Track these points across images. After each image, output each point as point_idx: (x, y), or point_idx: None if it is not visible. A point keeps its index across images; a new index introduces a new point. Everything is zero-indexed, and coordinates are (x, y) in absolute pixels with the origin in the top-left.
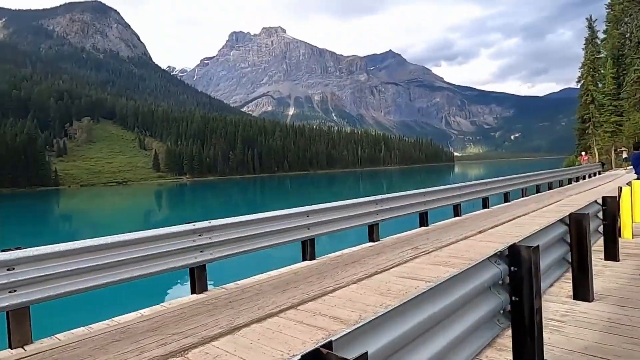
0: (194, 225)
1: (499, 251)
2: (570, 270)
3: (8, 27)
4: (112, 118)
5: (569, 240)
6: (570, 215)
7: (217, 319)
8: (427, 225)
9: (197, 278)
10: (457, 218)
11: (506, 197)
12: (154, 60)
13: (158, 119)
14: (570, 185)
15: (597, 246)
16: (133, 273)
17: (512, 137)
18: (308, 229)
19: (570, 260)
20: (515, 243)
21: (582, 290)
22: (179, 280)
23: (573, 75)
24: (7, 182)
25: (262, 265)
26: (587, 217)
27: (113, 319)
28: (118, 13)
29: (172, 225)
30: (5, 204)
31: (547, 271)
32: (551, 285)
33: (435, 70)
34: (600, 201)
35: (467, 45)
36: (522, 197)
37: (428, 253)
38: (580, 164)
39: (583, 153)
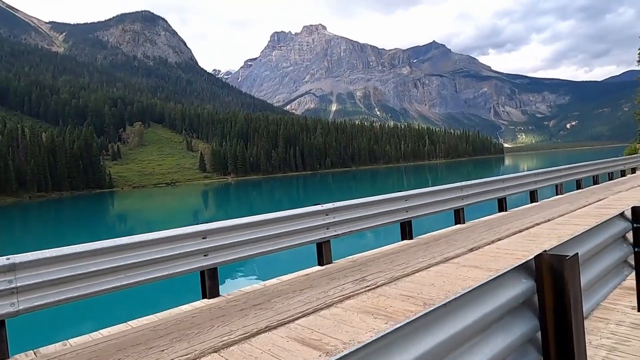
0: None
1: None
2: None
3: (67, 40)
4: (162, 122)
5: (537, 304)
6: (537, 258)
7: None
8: (411, 238)
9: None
10: (455, 227)
11: (533, 197)
12: (200, 64)
13: (204, 121)
14: (623, 177)
15: (626, 288)
16: None
17: (568, 126)
18: (205, 255)
19: None
20: None
21: None
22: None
23: (636, 56)
24: (66, 186)
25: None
26: (572, 263)
27: None
28: (166, 21)
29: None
30: (69, 206)
31: None
32: None
33: (482, 59)
34: (629, 214)
35: (517, 31)
36: (557, 194)
37: (372, 289)
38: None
39: None
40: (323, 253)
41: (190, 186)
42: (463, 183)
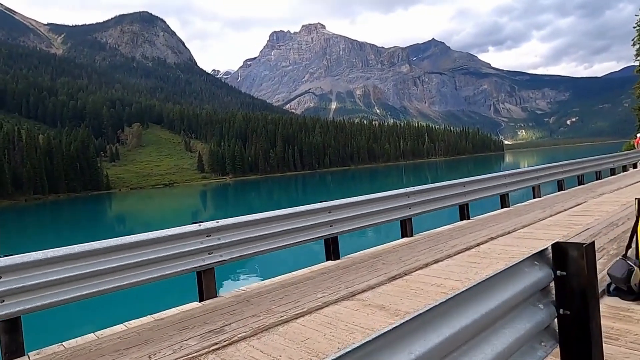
0: None
1: None
2: None
3: (66, 42)
4: (160, 123)
5: None
6: None
7: None
8: (337, 259)
9: None
10: (395, 242)
11: (503, 201)
12: (199, 64)
13: (202, 122)
14: (613, 176)
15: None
16: None
17: (569, 122)
18: (1, 301)
19: None
20: None
21: None
22: None
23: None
24: (63, 188)
25: None
26: None
27: None
28: (164, 22)
29: None
30: (62, 209)
31: None
32: None
33: (482, 57)
34: (549, 252)
35: (517, 28)
36: (534, 197)
37: (219, 349)
38: (635, 148)
39: (638, 135)
40: (203, 285)
41: (188, 187)
42: (410, 189)
